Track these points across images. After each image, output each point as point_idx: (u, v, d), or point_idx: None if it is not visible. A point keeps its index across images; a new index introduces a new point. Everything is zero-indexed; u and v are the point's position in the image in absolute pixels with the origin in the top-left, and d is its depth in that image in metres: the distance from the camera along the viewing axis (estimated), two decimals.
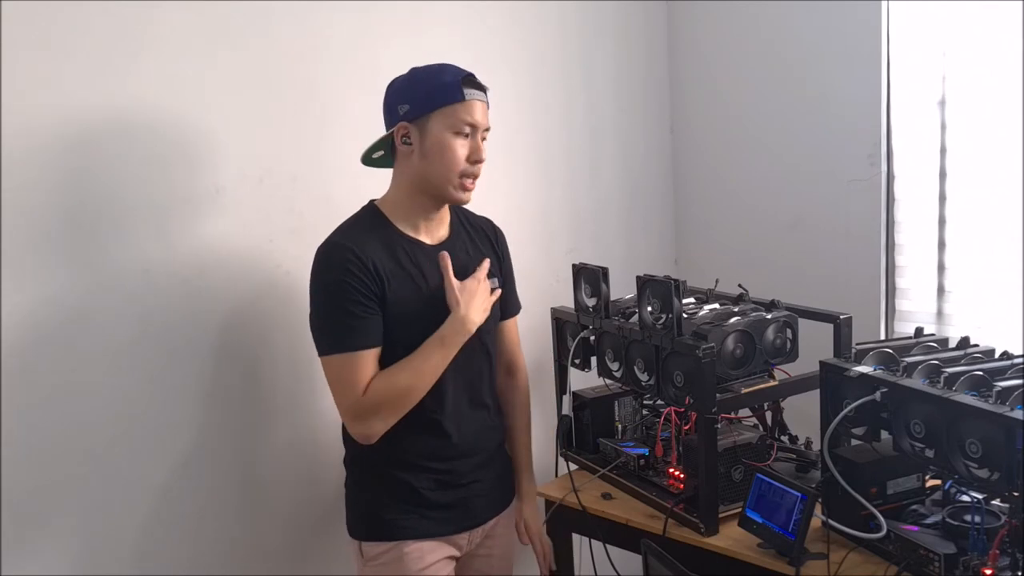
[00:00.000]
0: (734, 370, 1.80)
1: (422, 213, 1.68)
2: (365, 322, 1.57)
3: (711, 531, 1.72)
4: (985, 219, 2.15)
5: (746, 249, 2.65)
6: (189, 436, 1.82)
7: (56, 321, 1.63)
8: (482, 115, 1.63)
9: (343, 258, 1.56)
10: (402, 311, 1.60)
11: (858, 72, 2.33)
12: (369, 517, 1.70)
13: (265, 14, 1.88)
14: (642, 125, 2.75)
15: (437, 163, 1.61)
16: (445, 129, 1.60)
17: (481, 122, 1.63)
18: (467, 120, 1.60)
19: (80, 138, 1.65)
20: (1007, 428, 1.29)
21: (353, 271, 1.56)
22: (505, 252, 1.86)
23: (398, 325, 1.60)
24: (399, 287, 1.60)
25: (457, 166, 1.61)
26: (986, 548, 1.40)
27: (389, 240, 1.64)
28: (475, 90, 1.62)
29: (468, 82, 1.62)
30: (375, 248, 1.60)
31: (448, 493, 1.70)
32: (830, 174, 2.43)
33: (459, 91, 1.60)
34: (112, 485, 1.72)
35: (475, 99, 1.62)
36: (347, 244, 1.58)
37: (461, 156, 1.61)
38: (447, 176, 1.62)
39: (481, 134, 1.64)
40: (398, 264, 1.62)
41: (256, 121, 1.88)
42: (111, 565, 1.72)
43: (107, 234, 1.69)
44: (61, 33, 1.61)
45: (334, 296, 1.57)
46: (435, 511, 1.69)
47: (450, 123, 1.60)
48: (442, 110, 1.59)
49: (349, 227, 1.66)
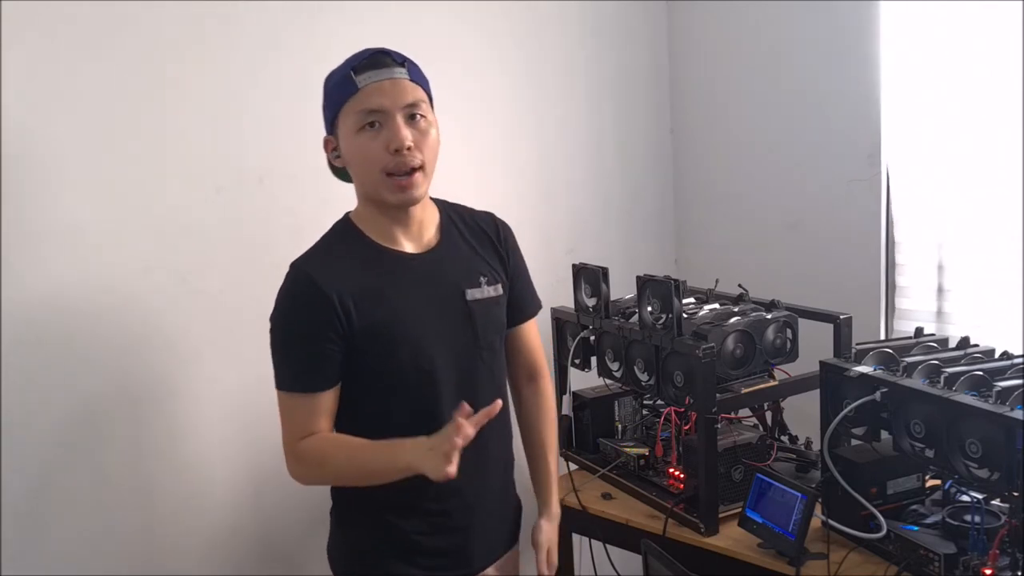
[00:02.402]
0: (734, 370, 1.80)
1: (393, 222, 1.47)
2: (321, 363, 1.40)
3: (711, 531, 1.72)
4: (985, 218, 2.15)
5: (746, 249, 2.65)
6: (190, 436, 1.83)
7: (56, 321, 1.64)
8: (390, 96, 1.37)
9: (300, 288, 1.40)
10: (380, 335, 1.41)
11: (858, 72, 2.33)
12: (353, 558, 1.53)
13: (265, 14, 1.88)
14: (642, 125, 2.75)
15: (358, 170, 1.43)
16: (350, 131, 1.39)
17: (388, 104, 1.37)
18: (366, 108, 1.37)
19: (81, 138, 1.65)
20: (1007, 428, 1.29)
21: (314, 307, 1.38)
22: (512, 249, 1.63)
23: (377, 351, 1.42)
24: (375, 310, 1.41)
25: (375, 165, 1.39)
26: (986, 548, 1.40)
27: (363, 257, 1.45)
28: (370, 71, 1.38)
29: (361, 67, 1.38)
30: (344, 270, 1.42)
31: (443, 538, 1.51)
32: (830, 174, 2.43)
33: (350, 83, 1.38)
34: (112, 485, 1.72)
35: (370, 82, 1.37)
36: (307, 270, 1.41)
37: (375, 152, 1.38)
38: (373, 180, 1.41)
39: (401, 115, 1.38)
40: (373, 283, 1.43)
41: (256, 121, 1.88)
42: (111, 565, 1.72)
43: (107, 234, 1.69)
44: (66, 36, 1.61)
45: (292, 331, 1.41)
46: (428, 558, 1.50)
47: (352, 121, 1.38)
48: (342, 111, 1.40)
49: (320, 246, 1.49)
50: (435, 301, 1.48)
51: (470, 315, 1.51)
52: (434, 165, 1.46)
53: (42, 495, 1.64)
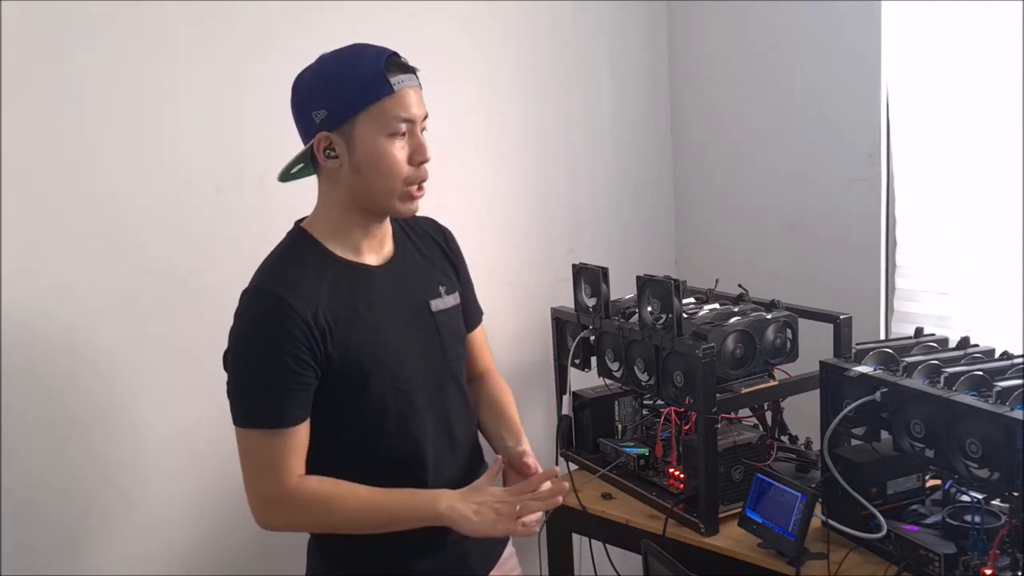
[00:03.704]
0: (734, 370, 1.80)
1: (361, 232, 1.38)
2: (295, 393, 1.29)
3: (711, 531, 1.72)
4: (986, 218, 2.14)
5: (746, 249, 2.65)
6: (191, 437, 1.83)
7: (56, 321, 1.64)
8: (418, 104, 1.33)
9: (275, 312, 1.27)
10: (354, 359, 1.32)
11: (858, 72, 2.33)
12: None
13: (265, 14, 1.88)
14: (642, 125, 2.75)
15: (374, 176, 1.32)
16: (376, 133, 1.30)
17: (418, 113, 1.33)
18: (401, 116, 1.30)
19: (81, 138, 1.65)
20: (1007, 428, 1.29)
21: (287, 328, 1.26)
22: (459, 256, 1.57)
23: (352, 377, 1.33)
24: (348, 332, 1.32)
25: (400, 174, 1.32)
26: (986, 548, 1.40)
27: (328, 273, 1.34)
28: (404, 75, 1.31)
29: (393, 66, 1.30)
30: (311, 287, 1.31)
31: (437, 560, 1.42)
32: (830, 174, 2.43)
33: (385, 83, 1.28)
34: (112, 485, 1.72)
35: (406, 87, 1.31)
36: (279, 293, 1.28)
37: (402, 161, 1.32)
38: (390, 188, 1.33)
39: (420, 126, 1.34)
40: (343, 302, 1.33)
41: (256, 121, 1.88)
42: (111, 565, 1.72)
43: (107, 234, 1.69)
44: (59, 36, 1.61)
45: (262, 358, 1.29)
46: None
47: (381, 124, 1.29)
48: (368, 111, 1.29)
49: (279, 264, 1.36)
50: (403, 315, 1.42)
51: (436, 327, 1.45)
52: None
53: (42, 494, 1.63)
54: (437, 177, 1.62)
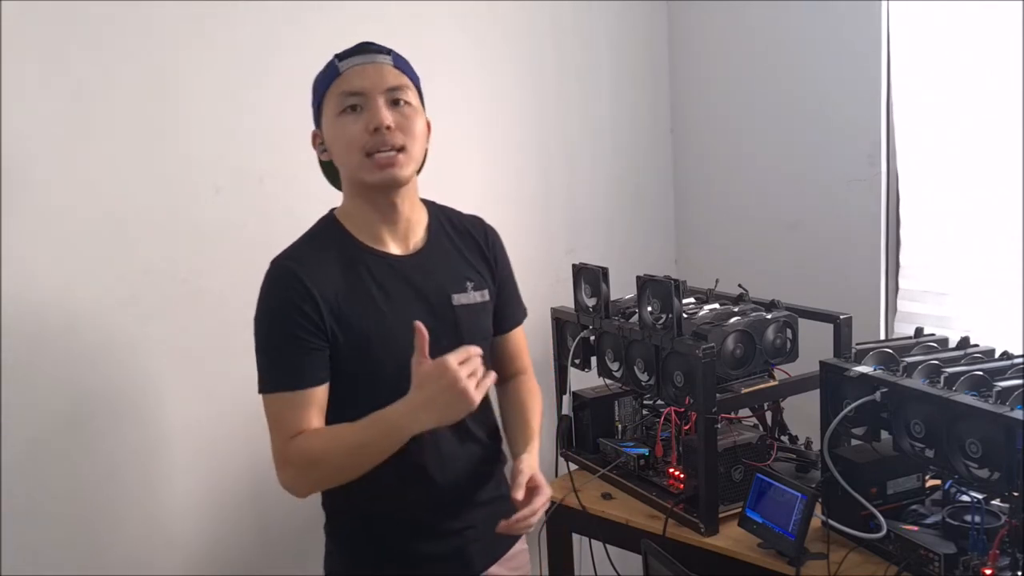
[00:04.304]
0: (734, 370, 1.80)
1: (379, 219, 1.44)
2: (307, 359, 1.36)
3: (711, 531, 1.72)
4: (987, 218, 2.14)
5: (746, 249, 2.65)
6: (191, 436, 1.83)
7: (56, 321, 1.64)
8: (371, 79, 1.37)
9: (286, 284, 1.36)
10: (360, 339, 1.38)
11: (858, 72, 2.33)
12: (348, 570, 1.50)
13: (265, 14, 1.88)
14: (642, 125, 2.75)
15: (338, 154, 1.41)
16: (332, 115, 1.39)
17: (368, 87, 1.37)
18: (347, 91, 1.37)
19: (81, 138, 1.65)
20: (1007, 428, 1.29)
21: (295, 300, 1.35)
22: (500, 254, 1.61)
23: (356, 355, 1.38)
24: (356, 312, 1.38)
25: (355, 146, 1.37)
26: (986, 548, 1.40)
27: (348, 256, 1.42)
28: (354, 56, 1.39)
29: (344, 54, 1.40)
30: (328, 269, 1.39)
31: (439, 544, 1.48)
32: (830, 174, 2.43)
33: (333, 68, 1.40)
34: (113, 485, 1.72)
35: (352, 66, 1.38)
36: (293, 267, 1.38)
37: (355, 133, 1.37)
38: (350, 160, 1.39)
39: (383, 98, 1.38)
40: (357, 285, 1.40)
41: (256, 121, 1.88)
42: (111, 565, 1.72)
43: (107, 234, 1.69)
44: (59, 36, 1.61)
45: (274, 326, 1.37)
46: (425, 565, 1.48)
47: (333, 105, 1.39)
48: (325, 98, 1.40)
49: (304, 243, 1.46)
50: (419, 306, 1.44)
51: (455, 320, 1.47)
52: (420, 153, 1.43)
53: (42, 495, 1.63)
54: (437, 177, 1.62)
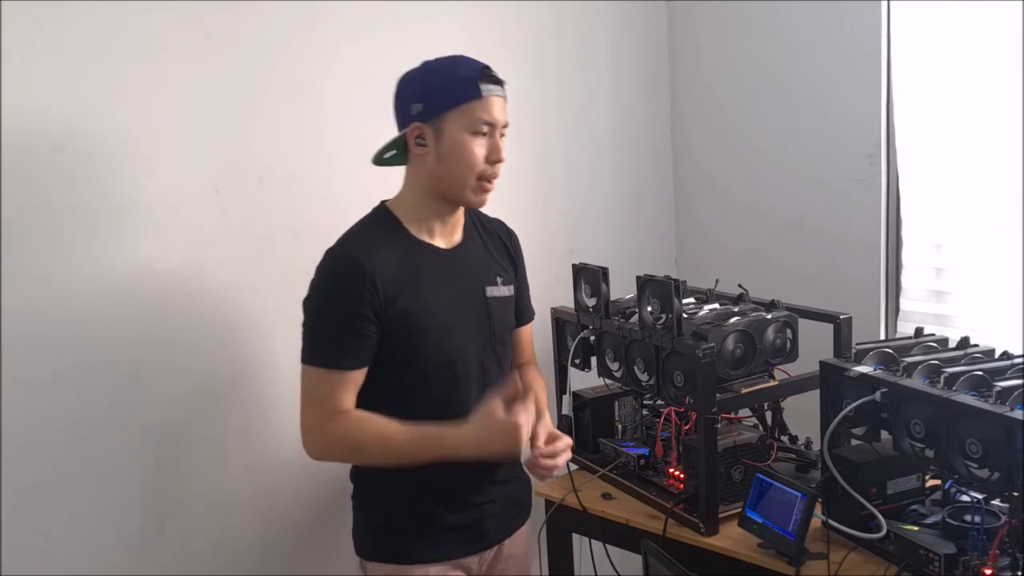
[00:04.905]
0: (734, 370, 1.80)
1: (436, 217, 1.59)
2: (356, 342, 1.49)
3: (711, 531, 1.72)
4: (986, 218, 2.14)
5: (746, 249, 2.65)
6: (191, 437, 1.82)
7: (56, 321, 1.64)
8: (500, 112, 1.55)
9: (348, 270, 1.48)
10: (410, 324, 1.52)
11: (858, 72, 2.33)
12: (375, 537, 1.62)
13: (264, 13, 1.88)
14: (642, 125, 2.75)
15: (454, 165, 1.53)
16: (462, 129, 1.51)
17: (499, 119, 1.55)
18: (485, 119, 1.52)
19: (81, 138, 1.65)
20: (1007, 428, 1.29)
21: (355, 284, 1.47)
22: (519, 257, 1.77)
23: (403, 335, 1.52)
24: (408, 300, 1.52)
25: (475, 167, 1.53)
26: (986, 548, 1.40)
27: (401, 246, 1.55)
28: (493, 85, 1.54)
29: (485, 77, 1.53)
30: (385, 257, 1.51)
31: (460, 515, 1.61)
32: (830, 174, 2.43)
33: (476, 87, 1.51)
34: (113, 485, 1.72)
35: (493, 95, 1.53)
36: (355, 254, 1.50)
37: (479, 157, 1.53)
38: (464, 178, 1.53)
39: (500, 131, 1.56)
40: (409, 273, 1.53)
41: (256, 121, 1.88)
42: (111, 565, 1.72)
43: (107, 234, 1.69)
44: (63, 34, 1.61)
45: (331, 307, 1.50)
46: (445, 533, 1.60)
47: (467, 122, 1.51)
48: (458, 109, 1.51)
49: (360, 232, 1.57)
50: (460, 295, 1.60)
51: (488, 311, 1.64)
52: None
53: (42, 495, 1.63)
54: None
